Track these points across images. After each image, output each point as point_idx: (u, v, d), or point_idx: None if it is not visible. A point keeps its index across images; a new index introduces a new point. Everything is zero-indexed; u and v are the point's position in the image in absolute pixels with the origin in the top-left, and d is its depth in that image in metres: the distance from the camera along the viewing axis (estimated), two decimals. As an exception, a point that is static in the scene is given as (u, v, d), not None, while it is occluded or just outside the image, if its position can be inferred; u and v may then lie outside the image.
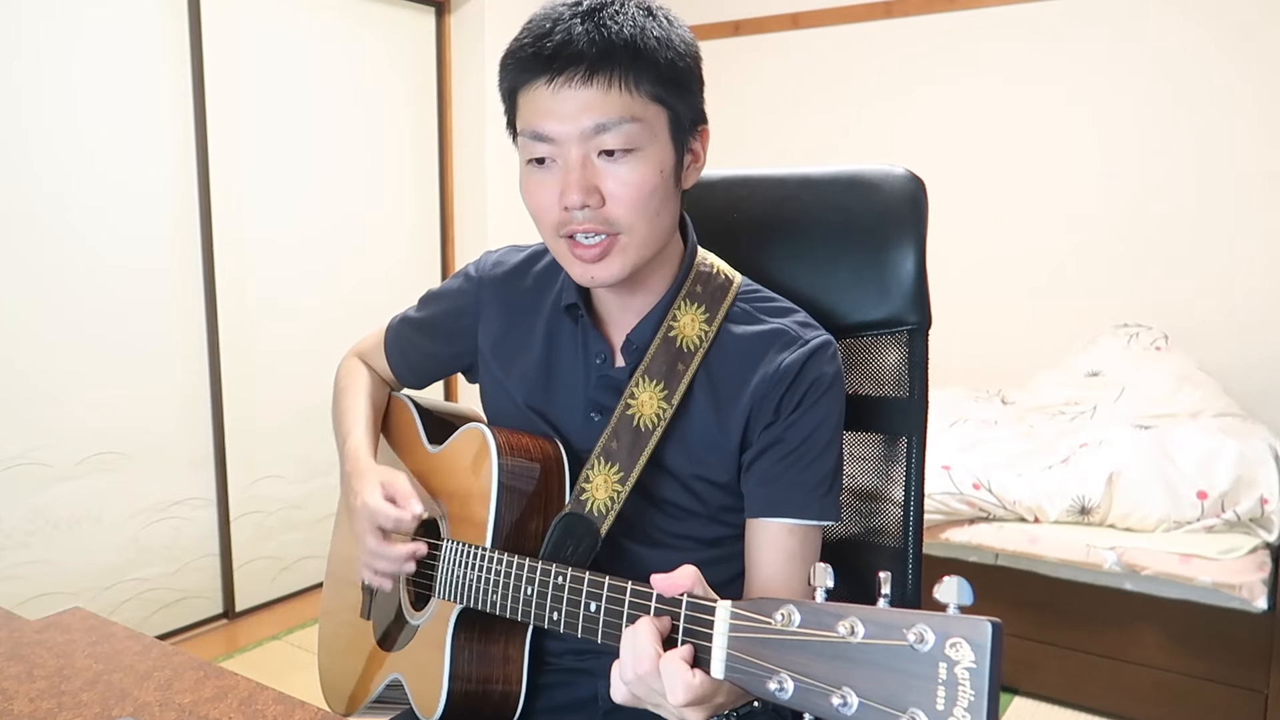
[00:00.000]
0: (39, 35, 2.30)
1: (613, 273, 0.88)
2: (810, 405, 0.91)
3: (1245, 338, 3.03)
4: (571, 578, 0.80)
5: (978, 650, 0.51)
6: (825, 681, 0.57)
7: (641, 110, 0.84)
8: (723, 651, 0.64)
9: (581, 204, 0.84)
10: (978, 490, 2.32)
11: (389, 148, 3.26)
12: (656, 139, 0.86)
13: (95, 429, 2.47)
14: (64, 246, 2.38)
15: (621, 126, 0.83)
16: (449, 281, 1.11)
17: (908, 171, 1.05)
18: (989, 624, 0.51)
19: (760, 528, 0.92)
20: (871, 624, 0.56)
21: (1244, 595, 2.02)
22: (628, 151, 0.84)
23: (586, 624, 0.78)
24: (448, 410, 1.19)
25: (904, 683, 0.54)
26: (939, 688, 0.52)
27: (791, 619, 0.60)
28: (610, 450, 0.92)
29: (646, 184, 0.85)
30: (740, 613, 0.64)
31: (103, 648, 0.95)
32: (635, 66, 0.83)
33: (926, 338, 1.04)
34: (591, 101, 0.83)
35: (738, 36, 3.85)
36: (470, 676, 0.93)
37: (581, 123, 0.83)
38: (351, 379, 1.17)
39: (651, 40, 0.84)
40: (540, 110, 0.85)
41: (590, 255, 0.87)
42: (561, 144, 0.85)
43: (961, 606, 0.54)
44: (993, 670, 0.51)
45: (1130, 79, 3.15)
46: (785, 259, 1.09)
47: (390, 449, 1.17)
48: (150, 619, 2.63)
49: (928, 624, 0.53)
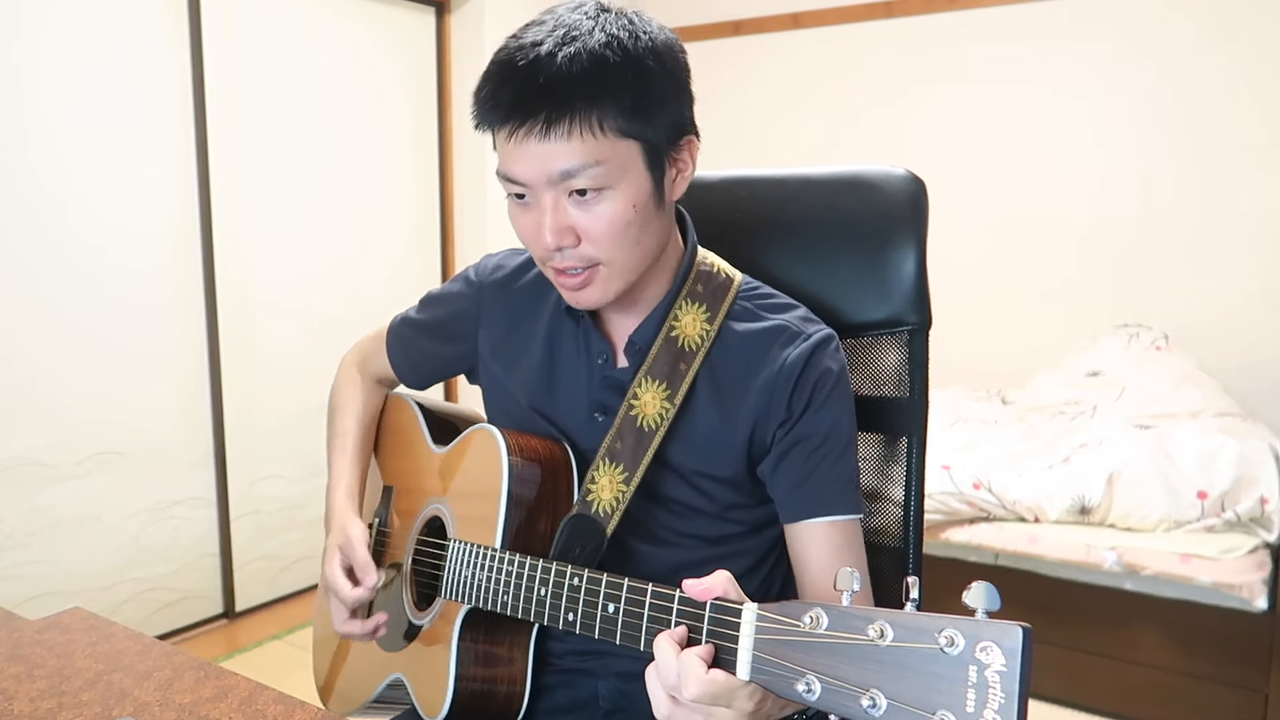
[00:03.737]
0: (39, 35, 2.30)
1: (596, 299, 0.90)
2: (824, 401, 0.91)
3: (1245, 338, 3.03)
4: (589, 579, 0.80)
5: (1008, 654, 0.52)
6: (854, 683, 0.58)
7: (608, 150, 0.82)
8: (748, 654, 0.65)
9: (556, 246, 0.85)
10: (978, 490, 2.32)
11: (389, 148, 3.26)
12: (628, 173, 0.84)
13: (95, 429, 2.47)
14: (64, 247, 2.38)
15: (587, 170, 0.82)
16: (449, 285, 1.11)
17: (908, 172, 1.06)
18: (1020, 628, 0.52)
19: (804, 530, 0.92)
20: (901, 627, 0.57)
21: (1244, 595, 2.02)
22: (598, 190, 0.83)
23: (604, 625, 0.78)
24: (450, 411, 1.19)
25: (933, 685, 0.54)
26: (969, 690, 0.53)
27: (820, 622, 0.61)
28: (615, 451, 0.92)
29: (620, 219, 0.84)
30: (767, 615, 0.64)
31: (103, 648, 0.95)
32: (598, 106, 0.80)
33: (927, 338, 1.04)
34: (553, 151, 0.81)
35: (738, 36, 3.84)
36: (475, 676, 0.93)
37: (547, 170, 0.82)
38: (344, 397, 1.17)
39: (613, 70, 0.81)
40: (507, 155, 0.85)
41: (574, 284, 0.89)
42: (532, 188, 0.85)
43: (989, 612, 0.54)
44: (1023, 674, 0.52)
45: (1131, 79, 3.15)
46: (786, 259, 1.09)
47: (391, 447, 1.17)
48: (150, 619, 2.63)
49: (958, 628, 0.54)
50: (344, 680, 1.12)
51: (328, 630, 1.16)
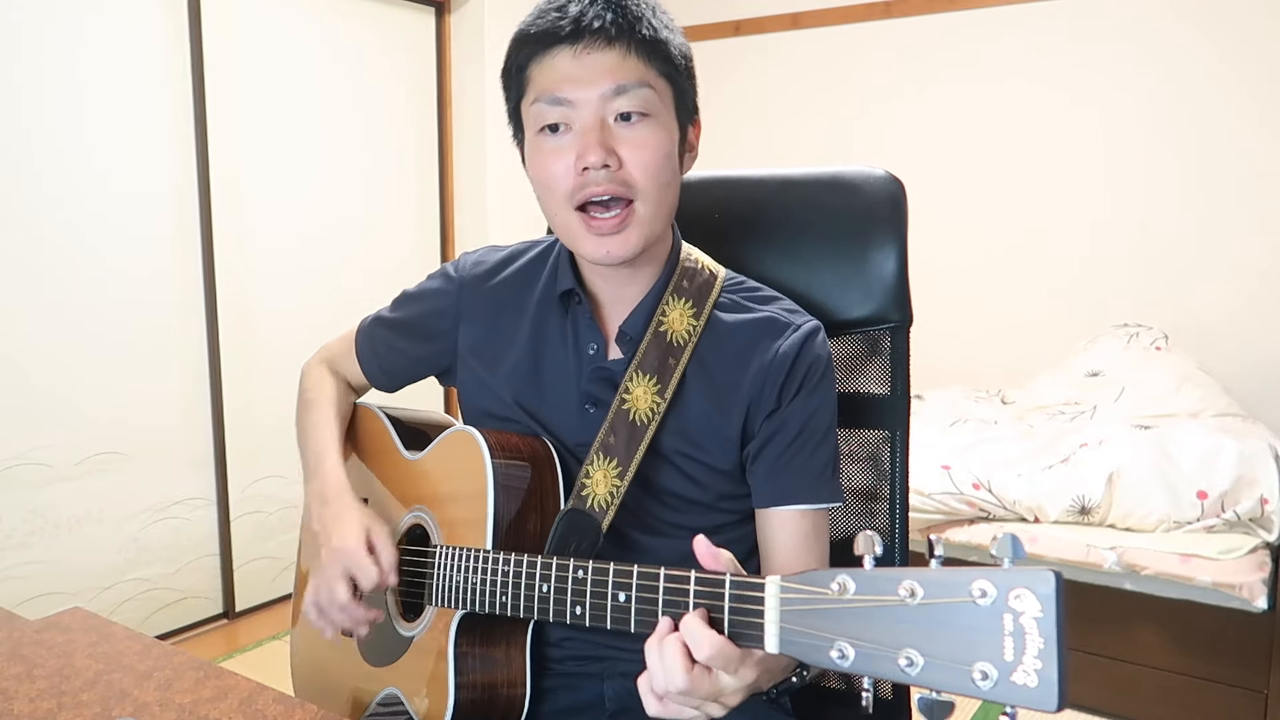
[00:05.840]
0: (39, 35, 2.30)
1: (629, 247, 0.90)
2: (808, 391, 0.93)
3: (1245, 338, 3.03)
4: (594, 569, 0.79)
5: (1044, 599, 0.52)
6: (888, 645, 0.57)
7: (654, 80, 0.89)
8: (775, 626, 0.64)
9: (602, 163, 0.86)
10: (978, 490, 2.32)
11: (389, 148, 3.26)
12: (666, 110, 0.90)
13: (95, 429, 2.47)
14: (64, 247, 2.38)
15: (639, 90, 0.87)
16: (426, 282, 1.10)
17: (887, 173, 1.08)
18: (1051, 573, 0.52)
19: (773, 516, 0.93)
20: (931, 584, 0.56)
21: (1244, 595, 2.02)
22: (643, 116, 0.88)
23: (616, 614, 0.76)
24: (418, 418, 1.16)
25: (969, 638, 0.54)
26: (1006, 639, 0.53)
27: (847, 588, 0.60)
28: (609, 445, 0.92)
29: (661, 148, 0.89)
30: (791, 585, 0.63)
31: (103, 648, 0.95)
32: (649, 42, 0.88)
33: (908, 335, 1.07)
34: (613, 65, 0.87)
35: (738, 36, 3.84)
36: (476, 683, 0.92)
37: (602, 85, 0.86)
38: (318, 391, 1.14)
39: (660, 26, 0.90)
40: (560, 76, 0.87)
41: (608, 227, 0.89)
42: (579, 107, 0.87)
43: (1015, 561, 0.54)
44: (1059, 617, 0.52)
45: (1132, 79, 3.15)
46: (768, 259, 1.10)
47: (358, 459, 1.14)
48: (150, 619, 2.63)
49: (989, 578, 0.54)
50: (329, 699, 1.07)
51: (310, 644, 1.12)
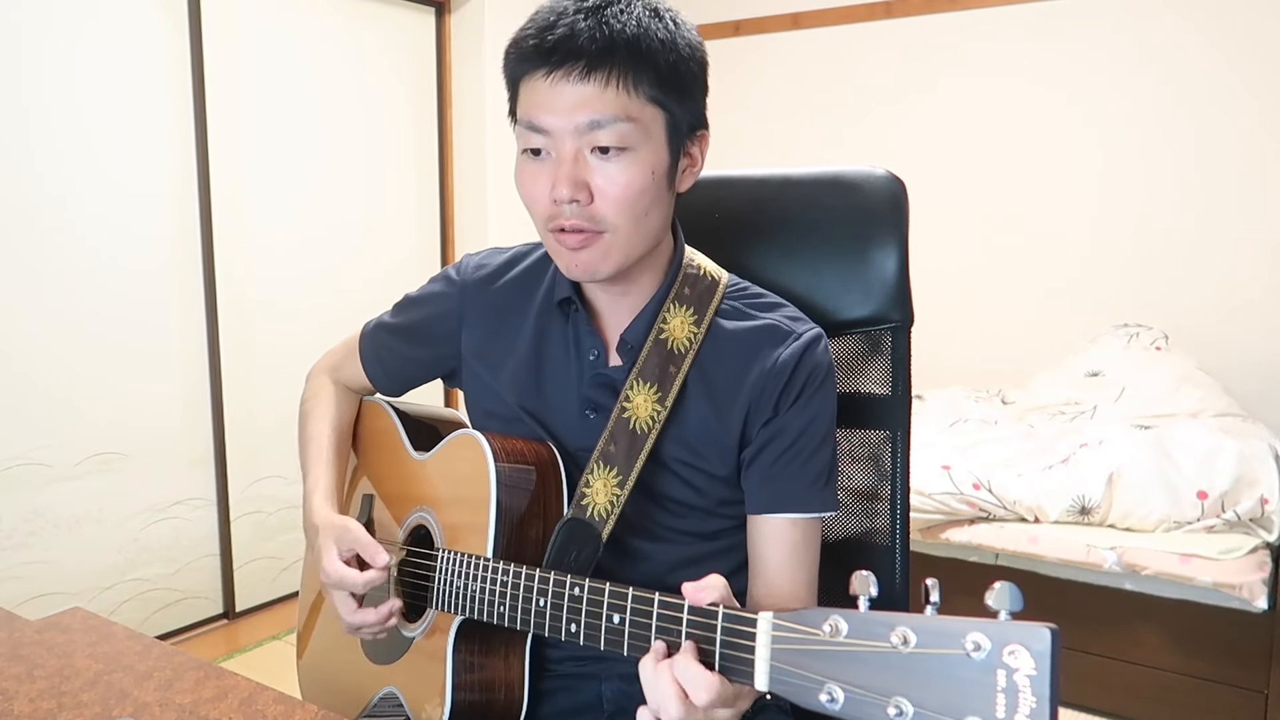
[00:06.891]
0: (40, 36, 2.30)
1: (594, 266, 0.88)
2: (806, 399, 0.92)
3: (1245, 338, 3.03)
4: (590, 589, 0.78)
5: (1038, 657, 0.51)
6: (878, 691, 0.56)
7: (638, 111, 0.84)
8: (766, 664, 0.63)
9: (570, 198, 0.84)
10: (978, 490, 2.32)
11: (389, 148, 3.26)
12: (651, 140, 0.86)
13: (95, 429, 2.47)
14: (64, 246, 2.38)
15: (615, 125, 0.83)
16: (428, 285, 1.09)
17: (888, 172, 1.07)
18: (1047, 630, 0.51)
19: (763, 523, 0.93)
20: (924, 632, 0.55)
21: (1244, 595, 2.02)
22: (621, 150, 0.84)
23: (610, 636, 0.76)
24: (429, 415, 1.16)
25: (960, 691, 0.53)
26: (998, 695, 0.52)
27: (839, 629, 0.59)
28: (609, 454, 0.92)
29: (635, 184, 0.85)
30: (783, 624, 0.63)
31: (103, 648, 0.95)
32: (635, 66, 0.83)
33: (909, 335, 1.06)
34: (588, 98, 0.83)
35: (738, 37, 3.85)
36: (473, 687, 0.92)
37: (576, 118, 0.83)
38: (316, 402, 1.14)
39: (654, 41, 0.84)
40: (537, 102, 0.85)
41: (574, 243, 0.87)
42: (555, 137, 0.85)
43: (1013, 613, 0.53)
44: (1053, 676, 0.51)
45: (1131, 79, 3.15)
46: (768, 259, 1.10)
47: (366, 455, 1.13)
48: (150, 619, 2.63)
49: (983, 631, 0.53)
50: (332, 695, 1.08)
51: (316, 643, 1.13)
